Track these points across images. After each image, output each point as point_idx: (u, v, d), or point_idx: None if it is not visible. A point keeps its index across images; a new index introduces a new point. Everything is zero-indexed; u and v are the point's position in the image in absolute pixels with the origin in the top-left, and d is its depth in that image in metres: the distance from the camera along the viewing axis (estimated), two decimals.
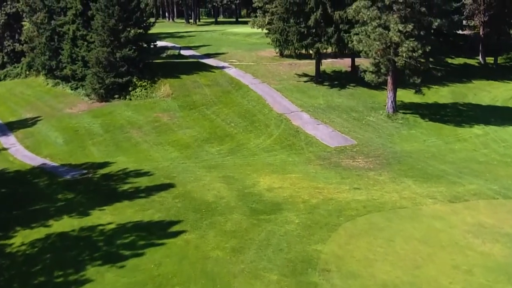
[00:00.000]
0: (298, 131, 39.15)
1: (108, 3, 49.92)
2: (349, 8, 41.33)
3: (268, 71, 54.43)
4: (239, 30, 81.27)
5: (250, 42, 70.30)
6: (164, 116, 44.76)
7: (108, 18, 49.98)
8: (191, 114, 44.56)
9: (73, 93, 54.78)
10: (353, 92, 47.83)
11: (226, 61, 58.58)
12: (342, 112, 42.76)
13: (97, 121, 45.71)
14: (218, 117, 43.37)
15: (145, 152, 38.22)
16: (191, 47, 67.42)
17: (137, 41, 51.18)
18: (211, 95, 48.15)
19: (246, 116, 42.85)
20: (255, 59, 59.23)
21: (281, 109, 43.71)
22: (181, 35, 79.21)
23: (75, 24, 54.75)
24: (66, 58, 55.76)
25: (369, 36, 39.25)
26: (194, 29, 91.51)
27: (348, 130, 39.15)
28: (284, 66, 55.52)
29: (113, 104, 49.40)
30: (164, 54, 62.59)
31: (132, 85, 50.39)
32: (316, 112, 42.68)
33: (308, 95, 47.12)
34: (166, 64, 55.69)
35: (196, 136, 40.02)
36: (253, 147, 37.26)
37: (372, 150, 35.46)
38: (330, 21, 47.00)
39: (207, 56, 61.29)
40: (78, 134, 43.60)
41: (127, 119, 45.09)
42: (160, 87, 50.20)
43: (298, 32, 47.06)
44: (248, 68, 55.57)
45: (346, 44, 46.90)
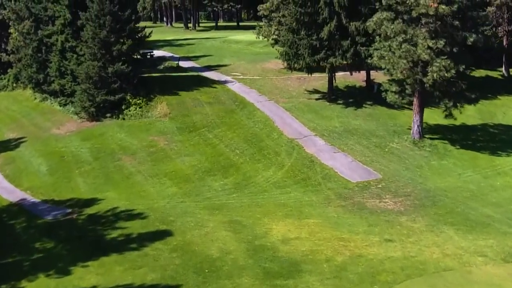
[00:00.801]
0: (313, 161, 34.39)
1: (98, 13, 45.14)
2: (369, 20, 36.57)
3: (275, 86, 49.67)
4: (241, 38, 76.47)
5: (253, 52, 65.51)
6: (160, 140, 39.98)
7: (99, 29, 45.20)
8: (191, 138, 39.78)
9: (62, 110, 49.97)
10: (371, 112, 43.05)
11: (228, 74, 53.79)
12: (361, 137, 37.98)
13: (86, 145, 40.95)
14: (221, 142, 38.60)
15: (138, 186, 33.45)
16: (190, 58, 62.60)
17: (131, 54, 46.37)
18: (213, 115, 43.38)
19: (252, 142, 38.07)
20: (260, 72, 54.45)
21: (292, 133, 38.94)
22: (180, 43, 74.40)
23: (63, 35, 49.91)
24: (54, 72, 50.94)
25: (394, 53, 34.53)
26: (193, 35, 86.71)
27: (370, 160, 34.39)
28: (293, 80, 50.77)
29: (104, 124, 44.62)
30: (161, 66, 57.80)
31: (125, 103, 45.58)
32: (332, 137, 37.91)
33: (321, 115, 42.34)
34: (163, 79, 50.90)
35: (197, 166, 35.24)
36: (262, 181, 32.49)
37: (400, 186, 30.71)
38: (345, 33, 42.26)
39: (208, 69, 56.49)
40: (64, 161, 38.85)
41: (120, 143, 40.32)
42: (157, 106, 45.42)
43: (310, 45, 42.30)
44: (253, 83, 50.81)
45: (363, 59, 42.13)
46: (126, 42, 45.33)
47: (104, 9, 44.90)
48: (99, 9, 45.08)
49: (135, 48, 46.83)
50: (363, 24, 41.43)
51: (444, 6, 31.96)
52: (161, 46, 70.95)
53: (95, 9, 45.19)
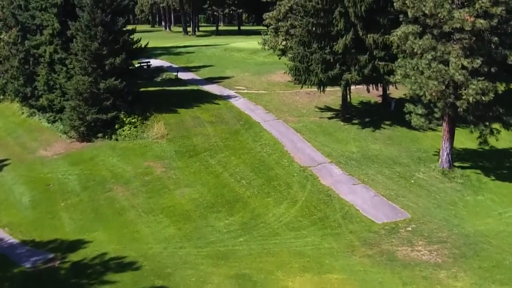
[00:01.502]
0: (330, 195, 30.21)
1: (89, 23, 40.96)
2: (393, 34, 32.40)
3: (282, 102, 45.52)
4: (243, 45, 72.29)
5: (258, 62, 61.33)
6: (157, 166, 35.80)
7: (90, 41, 41.02)
8: (191, 164, 35.59)
9: (50, 128, 45.86)
10: (391, 134, 38.86)
11: (232, 88, 49.64)
12: (382, 165, 33.80)
13: (74, 171, 36.79)
14: (225, 169, 34.40)
15: (131, 225, 29.23)
16: (190, 69, 58.45)
17: (125, 68, 42.17)
18: (215, 136, 39.18)
19: (260, 170, 33.89)
20: (266, 85, 50.30)
21: (304, 159, 34.77)
22: (179, 51, 70.25)
23: (52, 46, 45.72)
24: (42, 86, 46.83)
25: (422, 73, 30.35)
26: (193, 42, 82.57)
27: (395, 194, 30.21)
28: (301, 96, 46.62)
29: (95, 145, 40.47)
30: (158, 78, 53.68)
31: (119, 122, 41.40)
32: (350, 165, 33.74)
33: (336, 138, 38.15)
34: (161, 94, 46.73)
35: (198, 200, 31.04)
36: (273, 221, 28.30)
37: (434, 230, 26.53)
38: (362, 46, 38.08)
39: (209, 81, 52.34)
40: (49, 191, 34.68)
41: (112, 169, 36.15)
42: (153, 125, 41.23)
43: (323, 59, 38.13)
44: (258, 98, 46.65)
45: (382, 75, 38.00)
46: (120, 55, 41.14)
47: (96, 19, 40.73)
48: (90, 19, 40.91)
49: (130, 62, 42.64)
50: (382, 37, 37.36)
51: (482, 20, 27.80)
52: (159, 55, 66.87)
53: (85, 19, 41.03)
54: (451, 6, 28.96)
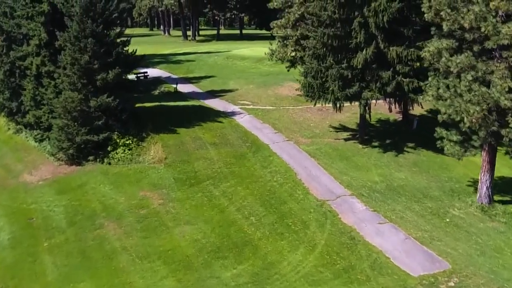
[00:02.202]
0: (354, 238, 26.06)
1: (79, 34, 36.83)
2: (424, 50, 28.26)
3: (292, 120, 41.40)
4: (247, 53, 68.23)
5: (263, 72, 57.25)
6: (154, 197, 31.69)
7: (79, 54, 36.90)
8: (192, 195, 31.46)
9: (37, 148, 41.76)
10: (416, 159, 34.74)
11: (236, 103, 45.55)
12: (410, 199, 29.67)
13: (61, 201, 32.73)
14: (231, 203, 30.28)
15: (123, 274, 25.06)
16: (190, 80, 54.38)
17: (119, 84, 38.01)
18: (219, 161, 35.07)
19: (271, 204, 29.76)
20: (273, 100, 46.20)
21: (321, 191, 30.64)
22: (178, 59, 66.14)
23: (39, 57, 41.59)
24: (28, 101, 42.74)
25: (461, 96, 26.22)
26: (193, 48, 78.50)
27: (429, 236, 26.07)
28: (313, 112, 42.50)
29: (86, 170, 36.37)
30: (156, 90, 49.63)
31: (112, 144, 37.29)
32: (373, 199, 29.62)
33: (355, 164, 34.02)
34: (159, 111, 42.57)
35: (201, 242, 26.88)
36: (289, 271, 24.14)
37: (480, 286, 22.36)
38: (383, 60, 33.98)
39: (211, 95, 48.25)
40: (31, 227, 30.63)
41: (103, 200, 32.05)
42: (150, 147, 37.11)
43: (340, 75, 34.01)
44: (265, 115, 42.54)
45: (406, 93, 33.90)
46: (112, 69, 37.00)
47: (86, 29, 36.59)
48: (79, 30, 36.78)
49: (124, 76, 38.48)
50: (407, 50, 33.27)
51: None
52: (157, 63, 62.83)
53: (74, 29, 36.89)
54: (495, 19, 24.83)
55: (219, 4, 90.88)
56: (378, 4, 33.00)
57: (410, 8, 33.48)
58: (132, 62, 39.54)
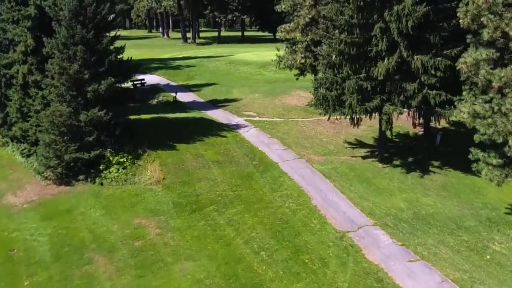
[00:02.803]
0: (381, 280, 22.45)
1: (67, 40, 33.23)
2: (460, 61, 24.67)
3: (303, 134, 37.80)
4: (250, 57, 64.66)
5: (268, 79, 53.67)
6: (150, 226, 28.10)
7: (68, 62, 33.30)
8: (194, 224, 27.87)
9: (24, 164, 38.13)
10: (444, 181, 31.13)
11: (240, 114, 41.96)
12: (443, 231, 26.06)
13: (46, 229, 29.15)
14: (237, 234, 26.67)
15: None
16: (190, 88, 50.79)
17: (112, 96, 34.39)
18: (223, 182, 31.48)
19: (284, 235, 26.16)
20: (280, 110, 42.60)
21: (339, 220, 27.05)
22: (178, 64, 62.53)
23: (26, 65, 37.99)
24: (14, 113, 39.14)
25: (505, 115, 22.64)
26: (193, 51, 74.91)
27: (469, 278, 22.47)
28: (325, 125, 38.90)
29: (75, 190, 32.81)
30: (154, 100, 46.05)
31: (104, 162, 33.71)
32: (400, 230, 26.02)
33: (376, 187, 30.43)
34: (156, 124, 38.93)
35: (204, 283, 23.26)
36: None
37: None
38: (407, 70, 30.38)
39: (213, 105, 44.65)
40: (12, 260, 27.02)
41: (93, 229, 28.46)
42: (147, 166, 33.51)
43: (359, 87, 30.41)
44: (273, 128, 38.94)
45: (432, 107, 30.29)
46: (105, 79, 33.41)
47: (75, 35, 33.00)
48: (67, 36, 33.17)
49: (118, 87, 34.83)
50: (433, 59, 29.65)
51: None
52: (155, 69, 59.22)
53: (62, 35, 33.28)
54: None
55: (220, 6, 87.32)
56: (402, 7, 29.38)
57: (437, 12, 29.89)
58: (127, 71, 35.91)
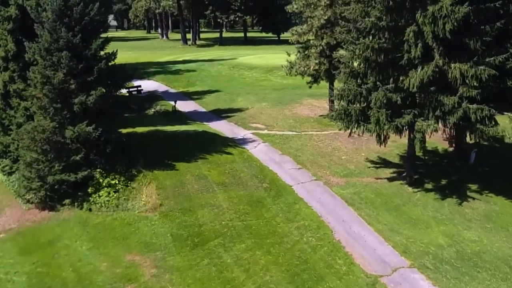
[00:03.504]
0: None
1: (51, 45, 28.98)
2: None
3: (319, 151, 33.55)
4: (254, 61, 60.43)
5: (275, 85, 49.47)
6: (145, 264, 23.87)
7: (52, 70, 29.05)
8: (196, 264, 23.61)
9: (5, 182, 33.90)
10: (486, 209, 26.84)
11: (247, 126, 37.73)
12: (494, 275, 21.81)
13: (24, 267, 24.99)
14: (248, 276, 22.42)
15: None
16: (191, 95, 46.59)
17: (102, 108, 30.14)
18: (229, 209, 27.25)
19: (304, 280, 21.90)
20: (291, 122, 38.34)
21: (369, 259, 22.79)
22: (177, 68, 58.24)
23: (7, 72, 33.78)
24: None
25: None
26: (193, 54, 70.67)
27: None
28: (343, 140, 34.65)
29: (60, 217, 28.59)
30: (151, 109, 41.79)
31: (93, 184, 29.45)
32: (443, 273, 21.77)
33: (408, 217, 26.15)
34: (153, 138, 34.61)
35: None
36: None
37: None
38: (443, 81, 26.12)
39: (216, 115, 40.41)
40: None
41: (78, 267, 24.24)
42: (141, 190, 29.26)
43: (388, 101, 26.15)
44: (284, 143, 34.70)
45: (473, 123, 26.03)
46: (94, 90, 29.17)
47: (59, 39, 28.73)
48: (51, 40, 28.92)
49: (109, 98, 30.55)
50: (475, 68, 25.40)
51: None
52: (153, 74, 54.98)
53: (45, 40, 29.04)
54: None
55: (222, 6, 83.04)
56: (439, 8, 25.14)
57: (479, 13, 25.66)
58: (120, 80, 31.63)
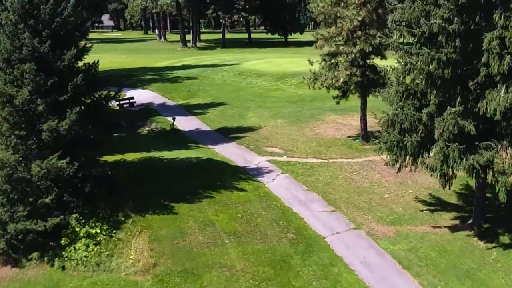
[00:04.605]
0: None
1: (12, 54, 22.30)
2: None
3: (353, 185, 26.77)
4: (263, 66, 53.75)
5: (290, 96, 42.79)
6: None
7: (14, 87, 22.38)
8: None
9: None
10: None
11: (261, 151, 30.98)
12: None
13: None
14: None
15: None
16: (192, 109, 39.88)
17: (79, 137, 23.40)
18: (245, 273, 20.52)
19: None
20: (315, 146, 31.57)
21: None
22: (176, 75, 51.44)
23: None
24: None
25: None
26: (194, 58, 63.89)
27: None
28: (381, 169, 27.86)
29: (24, 278, 22.06)
30: (145, 127, 35.04)
31: (68, 234, 22.78)
32: None
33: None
34: (146, 169, 27.70)
35: None
36: None
37: None
38: None
39: (223, 136, 33.63)
40: None
41: None
42: (130, 243, 22.53)
43: (459, 130, 19.40)
44: (309, 174, 27.93)
45: None
46: (70, 111, 22.48)
47: (22, 47, 22.05)
48: (12, 48, 22.26)
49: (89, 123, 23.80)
50: None
51: None
52: (148, 82, 48.30)
53: (4, 47, 22.37)
54: None
55: (225, 5, 76.21)
56: None
57: None
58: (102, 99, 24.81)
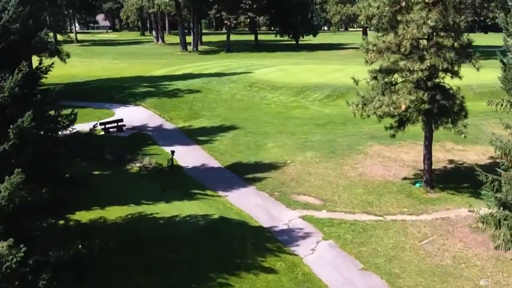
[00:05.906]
0: None
1: None
2: None
3: (429, 263, 18.73)
4: (277, 75, 45.75)
5: (316, 116, 34.77)
6: None
7: None
8: None
9: None
10: None
11: (290, 201, 22.91)
12: None
13: None
14: None
15: None
16: (196, 135, 31.78)
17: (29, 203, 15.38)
18: None
19: None
20: (362, 193, 23.46)
21: None
22: (175, 87, 43.20)
23: None
24: None
25: None
26: (195, 65, 55.89)
27: None
28: (464, 237, 19.82)
29: None
30: (136, 163, 26.95)
31: None
32: None
33: None
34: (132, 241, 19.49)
35: None
36: None
37: None
38: None
39: (237, 176, 25.50)
40: None
41: None
42: None
43: None
44: (362, 241, 19.86)
45: None
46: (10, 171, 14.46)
47: None
48: None
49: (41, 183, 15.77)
50: None
51: None
52: (142, 96, 40.33)
53: None
54: None
55: (229, 4, 68.20)
56: None
57: None
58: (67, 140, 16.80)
